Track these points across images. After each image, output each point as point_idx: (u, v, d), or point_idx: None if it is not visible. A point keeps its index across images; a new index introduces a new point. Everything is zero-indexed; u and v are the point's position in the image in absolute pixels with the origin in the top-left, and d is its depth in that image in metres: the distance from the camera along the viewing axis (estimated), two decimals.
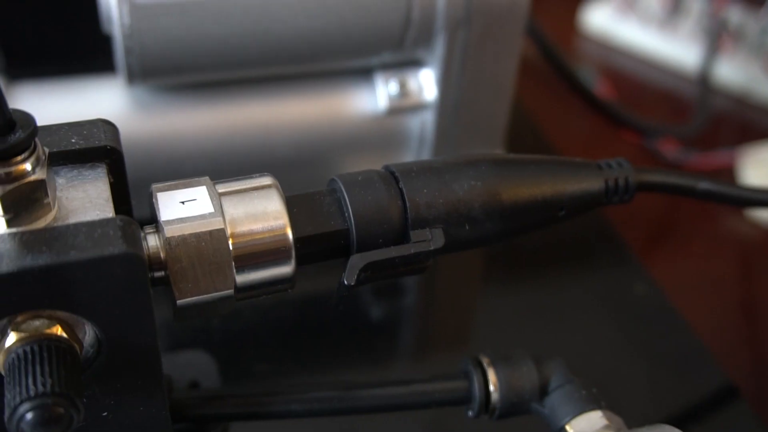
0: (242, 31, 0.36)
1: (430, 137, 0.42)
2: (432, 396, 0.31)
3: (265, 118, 0.41)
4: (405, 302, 0.47)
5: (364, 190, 0.28)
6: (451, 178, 0.29)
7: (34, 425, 0.21)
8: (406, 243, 0.28)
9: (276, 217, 0.26)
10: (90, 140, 0.26)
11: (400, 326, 0.46)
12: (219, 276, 0.26)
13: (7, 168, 0.22)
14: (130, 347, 0.24)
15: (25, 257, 0.22)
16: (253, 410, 0.30)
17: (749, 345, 0.47)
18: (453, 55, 0.40)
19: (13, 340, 0.22)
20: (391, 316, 0.46)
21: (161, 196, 0.26)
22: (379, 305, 0.46)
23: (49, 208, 0.24)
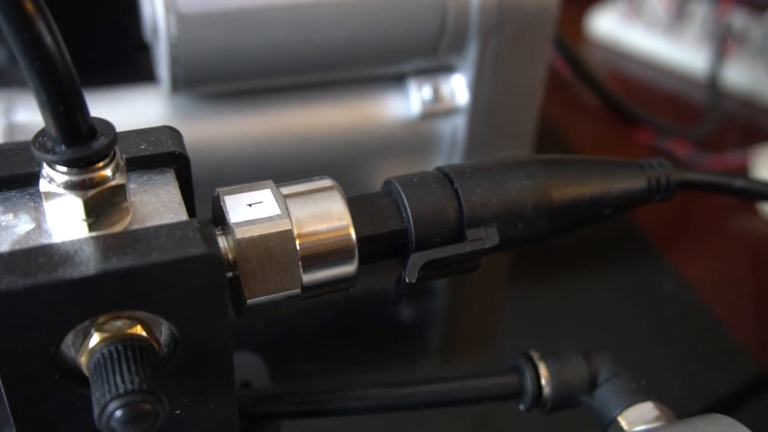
0: (283, 40, 0.37)
1: (461, 141, 0.43)
2: (485, 391, 0.32)
3: (301, 124, 0.42)
4: (436, 303, 0.48)
5: (421, 191, 0.28)
6: (502, 178, 0.29)
7: (124, 422, 0.22)
8: (462, 242, 0.29)
9: (339, 218, 0.27)
10: (158, 146, 0.26)
11: (431, 326, 0.47)
12: (287, 276, 0.26)
13: (89, 174, 0.23)
14: (205, 346, 0.25)
15: (110, 259, 0.22)
16: (312, 408, 0.30)
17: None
18: (485, 60, 0.41)
19: (97, 340, 0.23)
20: (423, 316, 0.47)
21: (228, 199, 0.27)
22: (411, 305, 0.47)
23: (127, 212, 0.24)
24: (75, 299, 0.22)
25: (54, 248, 0.23)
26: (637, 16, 0.78)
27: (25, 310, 0.22)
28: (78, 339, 0.24)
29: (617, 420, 0.30)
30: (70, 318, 0.23)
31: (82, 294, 0.22)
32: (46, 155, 0.22)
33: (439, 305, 0.48)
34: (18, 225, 0.24)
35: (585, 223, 0.31)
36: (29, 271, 0.22)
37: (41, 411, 0.24)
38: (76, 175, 0.23)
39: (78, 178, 0.23)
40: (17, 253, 0.22)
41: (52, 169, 0.23)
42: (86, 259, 0.22)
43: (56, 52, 0.21)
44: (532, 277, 0.48)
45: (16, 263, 0.22)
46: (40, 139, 0.23)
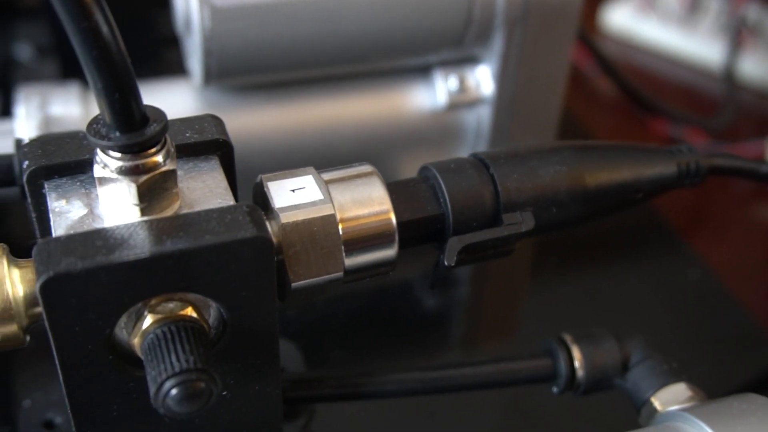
0: (313, 32, 0.38)
1: (486, 132, 0.44)
2: (518, 374, 0.32)
3: (329, 116, 0.42)
4: (461, 292, 0.48)
5: (458, 177, 0.29)
6: (537, 164, 0.30)
7: (179, 400, 0.23)
8: (498, 226, 0.29)
9: (380, 203, 0.28)
10: (203, 134, 0.27)
11: (457, 315, 0.47)
12: (330, 259, 0.27)
13: (142, 159, 0.24)
14: (253, 328, 0.26)
15: (164, 242, 0.23)
16: (350, 391, 0.31)
17: None
18: (510, 51, 0.41)
19: (150, 321, 0.24)
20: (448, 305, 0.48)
21: (271, 185, 0.27)
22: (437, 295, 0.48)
23: (177, 197, 0.25)
24: (131, 281, 0.23)
25: (109, 232, 0.23)
26: (651, 9, 0.78)
27: (83, 291, 0.22)
28: (131, 321, 0.24)
29: (650, 401, 0.31)
30: (126, 300, 0.23)
31: (138, 276, 0.23)
32: (100, 141, 0.23)
33: (464, 295, 0.49)
34: (71, 211, 0.25)
35: (617, 208, 0.32)
36: (87, 253, 0.22)
37: (95, 392, 0.25)
38: (129, 160, 0.23)
39: (131, 164, 0.23)
40: (74, 236, 0.23)
41: (106, 155, 0.24)
42: (141, 242, 0.23)
43: (112, 41, 0.22)
44: (556, 266, 0.48)
45: (74, 246, 0.23)
46: (94, 126, 0.24)
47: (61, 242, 0.23)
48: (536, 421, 0.37)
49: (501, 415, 0.38)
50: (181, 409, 0.23)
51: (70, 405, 0.25)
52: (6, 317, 0.24)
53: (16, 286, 0.24)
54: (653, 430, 0.28)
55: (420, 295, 0.47)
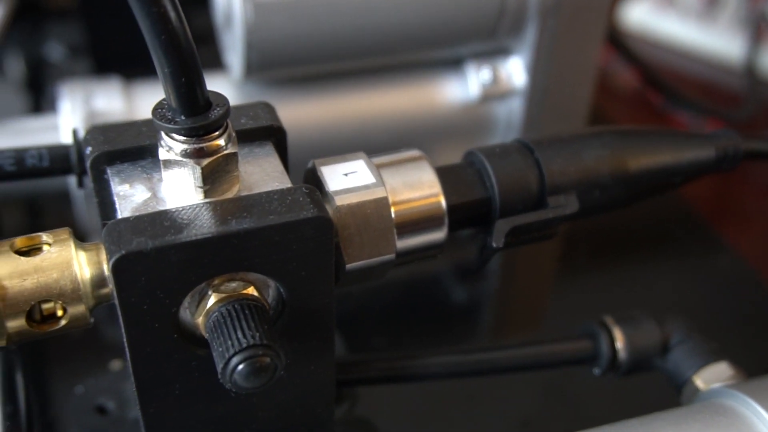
0: (351, 24, 0.38)
1: (517, 123, 0.45)
2: (560, 356, 0.33)
3: (363, 108, 0.43)
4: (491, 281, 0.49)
5: (504, 161, 0.30)
6: (579, 148, 0.31)
7: (246, 375, 0.23)
8: (543, 209, 0.30)
9: (430, 186, 0.28)
10: (257, 120, 0.28)
11: (488, 305, 0.48)
12: (383, 241, 0.28)
13: (206, 143, 0.24)
14: (310, 308, 0.26)
15: (229, 222, 0.24)
16: (396, 373, 0.32)
17: None
18: (543, 42, 0.42)
19: (214, 300, 0.24)
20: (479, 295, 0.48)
21: (324, 169, 0.28)
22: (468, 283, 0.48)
23: (237, 180, 0.26)
24: (198, 260, 0.24)
25: (175, 213, 0.24)
26: (669, 4, 0.79)
27: (153, 270, 0.23)
28: (194, 301, 0.25)
29: (692, 380, 0.31)
30: (192, 278, 0.24)
31: (205, 255, 0.24)
32: (167, 125, 0.24)
33: (494, 284, 0.49)
34: (135, 194, 0.26)
35: (656, 191, 0.32)
36: (157, 233, 0.23)
37: (160, 370, 0.25)
38: (193, 143, 0.24)
39: (195, 147, 0.24)
40: (143, 217, 0.24)
41: (171, 138, 0.24)
42: (207, 222, 0.24)
43: (180, 27, 0.23)
44: (585, 255, 0.49)
45: (143, 226, 0.23)
46: (159, 111, 0.24)
47: (130, 223, 0.24)
48: (573, 403, 0.38)
49: (538, 398, 0.38)
50: (248, 383, 0.23)
51: (136, 382, 0.25)
52: (75, 298, 0.25)
53: (84, 268, 0.25)
54: (698, 407, 0.29)
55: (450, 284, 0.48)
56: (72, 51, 0.56)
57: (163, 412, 0.27)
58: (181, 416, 0.27)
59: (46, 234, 0.26)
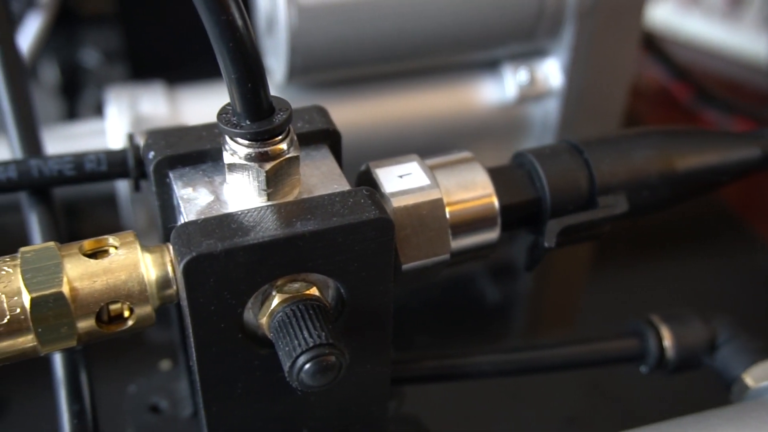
0: (393, 28, 0.39)
1: (553, 124, 0.45)
2: (608, 354, 0.33)
3: (401, 110, 0.44)
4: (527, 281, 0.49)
5: (554, 162, 0.30)
6: (627, 148, 0.31)
7: (313, 374, 0.24)
8: (593, 209, 0.30)
9: (483, 187, 0.29)
10: (313, 124, 0.28)
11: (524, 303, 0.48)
12: (438, 242, 0.28)
13: (270, 147, 0.25)
14: (369, 307, 0.27)
15: (294, 224, 0.24)
16: (447, 372, 0.32)
17: None
18: (580, 43, 0.42)
19: (278, 301, 0.25)
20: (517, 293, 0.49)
21: (379, 171, 0.29)
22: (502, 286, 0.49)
23: (299, 183, 0.26)
24: (264, 261, 0.24)
25: (241, 215, 0.25)
26: (694, 4, 0.79)
27: (221, 271, 0.24)
28: (257, 302, 0.25)
29: (742, 378, 0.31)
30: (258, 279, 0.24)
31: (271, 256, 0.24)
32: (232, 129, 0.24)
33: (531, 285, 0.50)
34: (198, 197, 0.26)
35: (703, 190, 0.32)
36: (225, 235, 0.24)
37: (223, 369, 0.26)
38: (258, 147, 0.25)
39: (260, 151, 0.25)
40: (210, 220, 0.24)
41: (235, 142, 0.25)
42: (273, 225, 0.24)
43: (246, 34, 0.23)
44: (618, 254, 0.49)
45: (211, 229, 0.24)
46: (224, 116, 0.25)
47: (198, 225, 0.24)
48: (617, 401, 0.38)
49: (581, 396, 0.39)
50: (315, 382, 0.24)
51: (201, 381, 0.26)
52: (142, 299, 0.25)
53: (150, 270, 0.26)
54: (752, 405, 0.29)
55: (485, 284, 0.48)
56: (107, 57, 0.57)
57: (225, 410, 0.27)
58: (242, 415, 0.28)
59: (112, 237, 0.26)
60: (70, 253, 0.26)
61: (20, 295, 0.24)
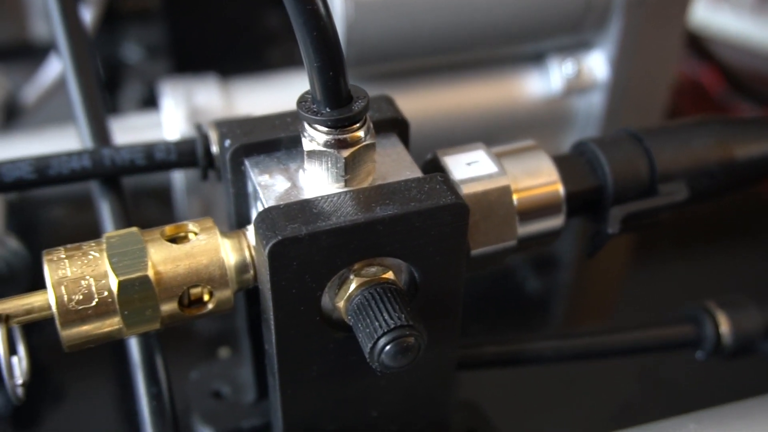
0: (446, 21, 0.39)
1: (596, 117, 0.45)
2: (665, 340, 0.34)
3: (449, 103, 0.44)
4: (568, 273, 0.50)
5: (615, 150, 0.31)
6: (687, 137, 0.31)
7: (394, 355, 0.24)
8: (653, 196, 0.31)
9: (549, 174, 0.29)
10: (382, 112, 0.29)
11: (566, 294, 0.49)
12: (505, 228, 0.29)
13: (349, 134, 0.25)
14: (441, 291, 0.27)
15: (374, 209, 0.25)
16: (509, 358, 0.33)
17: None
18: (627, 35, 0.43)
19: (356, 284, 0.26)
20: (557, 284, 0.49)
21: (448, 159, 0.29)
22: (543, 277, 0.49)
23: (373, 169, 0.27)
24: (345, 245, 0.25)
25: (321, 201, 0.25)
26: None
27: (304, 254, 0.24)
28: (333, 286, 0.26)
29: None
30: (338, 263, 0.25)
31: (352, 240, 0.25)
32: (313, 117, 0.25)
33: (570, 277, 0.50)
34: (276, 184, 0.27)
35: (761, 177, 0.33)
36: (308, 219, 0.24)
37: (301, 352, 0.27)
38: (337, 134, 0.25)
39: (338, 138, 0.25)
40: (292, 205, 0.25)
41: (315, 129, 0.25)
42: (353, 209, 0.25)
43: (329, 24, 0.24)
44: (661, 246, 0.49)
45: (294, 213, 0.25)
46: (304, 104, 0.25)
47: (281, 210, 0.25)
48: (670, 386, 0.39)
49: (635, 383, 0.39)
50: (395, 363, 0.24)
51: (279, 364, 0.27)
52: (222, 283, 0.26)
53: (229, 254, 0.26)
54: None
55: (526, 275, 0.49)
56: (149, 52, 0.58)
57: (300, 393, 0.28)
58: (316, 397, 0.28)
59: (191, 223, 0.27)
60: (152, 238, 0.26)
61: (107, 278, 0.25)
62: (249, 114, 0.30)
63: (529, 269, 0.49)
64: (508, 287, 0.48)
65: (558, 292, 0.50)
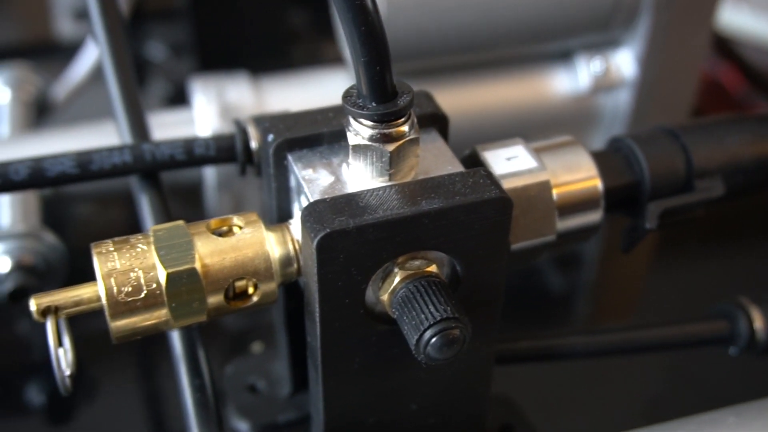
0: (477, 18, 0.40)
1: (622, 115, 0.46)
2: (698, 336, 0.34)
3: (476, 101, 0.44)
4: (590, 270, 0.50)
5: (652, 146, 0.31)
6: (723, 133, 0.32)
7: (440, 347, 0.25)
8: (689, 192, 0.31)
9: (588, 169, 0.30)
10: (422, 108, 0.29)
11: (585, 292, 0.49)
12: (545, 223, 0.29)
13: (394, 128, 0.26)
14: (483, 285, 0.27)
15: (419, 203, 0.25)
16: (546, 352, 0.33)
17: None
18: (656, 33, 0.43)
19: (401, 278, 0.26)
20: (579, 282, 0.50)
21: (487, 154, 0.29)
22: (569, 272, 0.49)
23: (417, 164, 0.27)
24: (391, 238, 0.25)
25: (367, 194, 0.25)
26: None
27: (351, 247, 0.25)
28: (377, 279, 0.26)
29: None
30: (384, 256, 0.25)
31: (398, 233, 0.25)
32: (359, 111, 0.25)
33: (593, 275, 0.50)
34: (319, 178, 0.27)
35: None
36: (355, 212, 0.25)
37: (344, 345, 0.27)
38: (383, 129, 0.25)
39: (384, 132, 0.25)
40: (338, 198, 0.25)
41: (360, 124, 0.26)
42: (399, 203, 0.25)
43: (377, 19, 0.24)
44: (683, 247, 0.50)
45: (341, 207, 0.25)
46: (349, 99, 0.26)
47: (328, 204, 0.25)
48: (700, 383, 0.39)
49: (665, 378, 0.39)
50: (441, 355, 0.25)
51: (322, 356, 0.27)
52: (268, 276, 0.26)
53: (274, 248, 0.27)
54: None
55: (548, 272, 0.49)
56: (173, 50, 0.58)
57: (342, 385, 0.28)
58: (357, 390, 0.28)
59: (236, 216, 0.27)
60: (198, 231, 0.27)
61: (156, 270, 0.25)
62: (286, 110, 0.30)
63: (551, 266, 0.50)
64: (530, 284, 0.48)
65: (580, 290, 0.50)
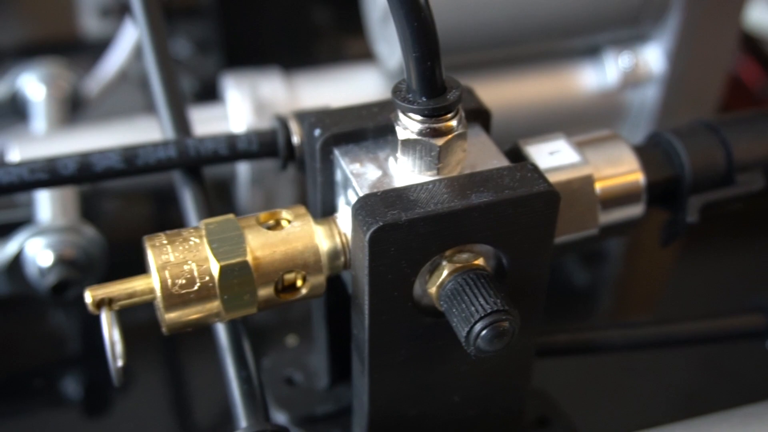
0: (505, 15, 0.40)
1: (649, 110, 0.46)
2: (734, 329, 0.34)
3: (504, 96, 0.45)
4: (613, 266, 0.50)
5: (692, 140, 0.31)
6: (762, 127, 0.32)
7: (490, 339, 0.25)
8: (730, 185, 0.31)
9: (630, 163, 0.30)
10: (465, 103, 0.29)
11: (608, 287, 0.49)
12: (588, 216, 0.29)
13: (442, 123, 0.26)
14: (528, 278, 0.28)
15: (469, 197, 0.25)
16: (583, 345, 0.33)
17: None
18: (685, 29, 0.43)
19: (449, 271, 0.26)
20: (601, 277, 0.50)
21: (530, 149, 0.30)
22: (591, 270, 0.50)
23: (464, 158, 0.27)
24: (441, 231, 0.25)
25: (417, 188, 0.26)
26: None
27: (402, 241, 0.25)
28: (425, 272, 0.27)
29: None
30: (433, 249, 0.26)
31: (448, 226, 0.25)
32: (409, 105, 0.25)
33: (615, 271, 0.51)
34: (367, 172, 0.27)
35: None
36: (406, 206, 0.25)
37: (391, 337, 0.27)
38: (432, 123, 0.26)
39: (433, 127, 0.26)
40: (389, 192, 0.25)
41: (409, 118, 0.26)
42: (448, 197, 0.25)
43: (429, 15, 0.24)
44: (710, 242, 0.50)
45: (392, 201, 0.25)
46: (398, 93, 0.26)
47: (379, 197, 0.25)
48: (734, 377, 0.39)
49: (699, 372, 0.39)
50: (491, 347, 0.25)
51: (370, 348, 0.27)
52: (316, 269, 0.27)
53: (322, 241, 0.27)
54: None
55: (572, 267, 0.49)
56: (199, 47, 0.59)
57: (387, 377, 0.28)
58: (402, 381, 0.29)
59: (284, 210, 0.28)
60: (248, 224, 0.27)
61: (208, 263, 0.26)
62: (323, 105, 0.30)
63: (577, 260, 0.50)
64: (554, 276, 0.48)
65: (606, 284, 0.50)
